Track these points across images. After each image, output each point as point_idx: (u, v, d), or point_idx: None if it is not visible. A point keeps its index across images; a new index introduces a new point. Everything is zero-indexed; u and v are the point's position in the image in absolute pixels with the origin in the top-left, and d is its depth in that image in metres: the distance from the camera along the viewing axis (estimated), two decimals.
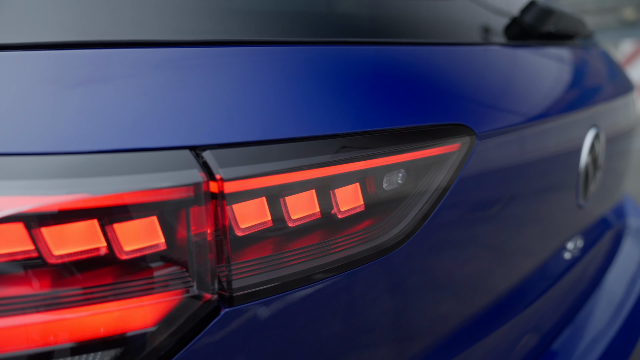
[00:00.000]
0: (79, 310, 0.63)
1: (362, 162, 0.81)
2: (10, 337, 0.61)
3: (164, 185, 0.63)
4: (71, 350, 0.63)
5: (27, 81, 0.67)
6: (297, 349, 0.77)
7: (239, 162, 0.68)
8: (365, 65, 0.89)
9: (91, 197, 0.61)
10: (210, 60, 0.74)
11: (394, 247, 0.86)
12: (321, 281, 0.77)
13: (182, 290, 0.66)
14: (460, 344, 1.07)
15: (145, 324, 0.65)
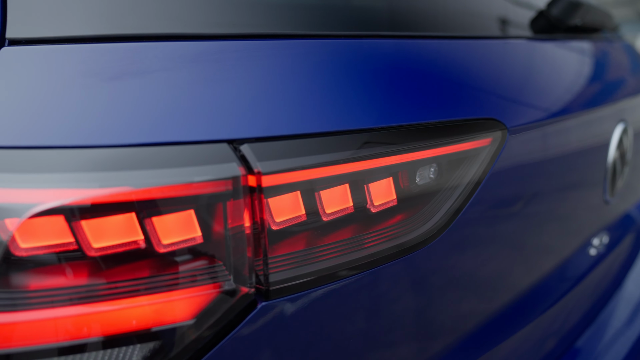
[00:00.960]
0: (117, 303, 0.64)
1: (395, 156, 0.80)
2: (49, 328, 0.62)
3: (203, 179, 0.63)
4: (109, 343, 0.63)
5: (64, 74, 0.68)
6: (331, 342, 0.76)
7: (276, 155, 0.68)
8: (399, 59, 0.88)
9: (131, 191, 0.61)
10: (246, 54, 0.74)
11: (426, 243, 0.85)
12: (354, 276, 0.77)
13: (219, 283, 0.66)
14: (484, 342, 1.06)
15: (182, 318, 0.65)
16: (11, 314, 0.61)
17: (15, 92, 0.67)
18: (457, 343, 0.99)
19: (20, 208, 0.59)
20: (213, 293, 0.66)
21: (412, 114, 0.83)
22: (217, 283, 0.66)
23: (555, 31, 1.38)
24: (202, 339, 0.66)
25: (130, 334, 0.64)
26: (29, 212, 0.58)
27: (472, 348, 1.03)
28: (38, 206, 0.58)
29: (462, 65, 1.00)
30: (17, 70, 0.68)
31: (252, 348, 0.69)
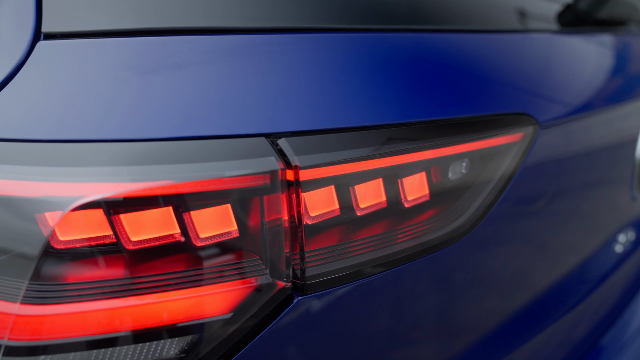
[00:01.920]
0: (155, 297, 0.64)
1: (428, 151, 0.79)
2: (87, 321, 0.62)
3: (241, 173, 0.63)
4: (146, 336, 0.64)
5: (100, 68, 0.68)
6: (364, 337, 0.76)
7: (313, 150, 0.67)
8: (431, 53, 0.88)
9: (171, 184, 0.61)
10: (280, 48, 0.74)
11: (458, 238, 0.85)
12: (387, 271, 0.77)
13: (255, 278, 0.66)
14: (508, 342, 1.06)
15: (219, 311, 0.65)
16: (51, 307, 0.61)
17: (52, 86, 0.67)
18: (480, 340, 0.99)
19: (62, 201, 0.59)
20: (250, 287, 0.66)
21: (445, 109, 0.83)
22: (253, 277, 0.66)
23: (582, 24, 1.36)
24: (239, 332, 0.66)
25: (168, 327, 0.64)
26: (71, 205, 0.59)
27: (496, 348, 1.02)
28: (80, 199, 0.59)
29: (491, 59, 0.99)
30: (53, 64, 0.69)
31: (288, 342, 0.69)
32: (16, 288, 0.61)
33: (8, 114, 0.66)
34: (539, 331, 1.11)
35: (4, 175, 0.61)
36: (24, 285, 0.60)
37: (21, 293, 0.60)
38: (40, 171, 0.60)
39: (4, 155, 0.63)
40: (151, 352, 0.64)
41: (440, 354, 0.90)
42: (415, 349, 0.86)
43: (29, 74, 0.67)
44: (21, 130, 0.64)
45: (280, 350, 0.68)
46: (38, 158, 0.62)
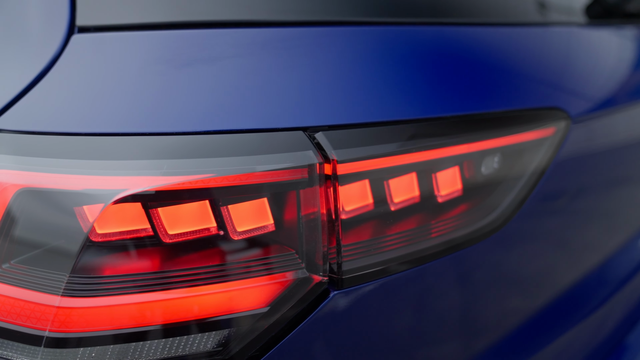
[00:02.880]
0: (192, 291, 0.64)
1: (462, 145, 0.79)
2: (124, 314, 0.62)
3: (280, 167, 0.63)
4: (184, 329, 0.64)
5: (136, 61, 0.68)
6: (399, 331, 0.76)
7: (350, 144, 0.67)
8: (464, 47, 0.87)
9: (209, 178, 0.61)
10: (314, 41, 0.73)
11: (489, 234, 0.84)
12: (420, 266, 0.76)
13: (292, 272, 0.66)
14: (534, 341, 1.05)
15: (257, 305, 0.65)
16: (90, 299, 0.62)
17: (87, 79, 0.67)
18: (505, 338, 0.98)
19: (103, 194, 0.59)
20: (286, 281, 0.66)
21: (477, 103, 0.82)
22: (290, 271, 0.66)
23: (610, 17, 1.34)
24: (275, 326, 0.66)
25: (205, 321, 0.64)
26: (113, 198, 0.59)
27: (520, 348, 1.01)
28: (122, 192, 0.59)
29: (522, 53, 0.98)
30: (88, 58, 0.69)
31: (323, 336, 0.68)
32: (57, 280, 0.61)
33: (46, 107, 0.66)
34: (564, 331, 1.10)
35: (45, 169, 0.61)
36: (65, 278, 0.60)
37: (62, 285, 0.60)
38: (81, 164, 0.60)
39: (45, 149, 0.63)
40: (188, 345, 0.64)
41: (466, 350, 0.90)
42: (443, 345, 0.85)
43: (65, 67, 0.68)
44: (60, 123, 0.65)
45: (315, 344, 0.68)
46: (78, 151, 0.62)
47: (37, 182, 0.62)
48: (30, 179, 0.62)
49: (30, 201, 0.62)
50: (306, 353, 0.68)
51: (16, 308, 0.62)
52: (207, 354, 0.64)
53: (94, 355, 0.62)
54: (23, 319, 0.62)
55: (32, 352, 0.63)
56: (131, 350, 0.63)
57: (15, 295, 0.63)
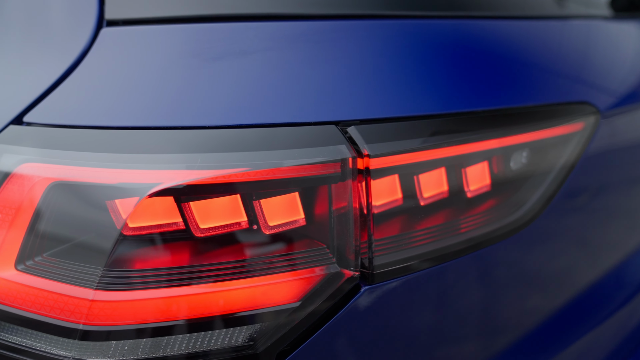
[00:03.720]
0: (224, 285, 0.64)
1: (492, 140, 0.78)
2: (157, 308, 0.62)
3: (312, 161, 0.62)
4: (216, 324, 0.64)
5: (166, 55, 0.68)
6: (428, 326, 0.76)
7: (382, 138, 0.66)
8: (493, 41, 0.86)
9: (242, 172, 0.61)
10: (344, 34, 0.72)
11: (517, 230, 0.83)
12: (449, 262, 0.76)
13: (323, 266, 0.66)
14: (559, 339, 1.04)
15: (288, 299, 0.65)
16: (123, 293, 0.62)
17: (118, 72, 0.67)
18: (526, 338, 0.97)
19: (137, 188, 0.59)
20: (318, 276, 0.66)
21: (506, 98, 0.81)
22: (321, 266, 0.66)
23: (636, 10, 1.32)
24: (306, 321, 0.65)
25: (236, 315, 0.64)
26: (148, 192, 0.59)
27: (541, 348, 1.00)
28: (156, 186, 0.59)
29: (549, 47, 0.97)
30: (118, 51, 0.69)
31: (354, 331, 0.68)
32: (91, 274, 0.61)
33: (76, 100, 0.66)
34: (585, 332, 1.09)
35: (77, 162, 0.62)
36: (99, 272, 0.60)
37: (96, 279, 0.60)
38: (115, 158, 0.60)
39: (76, 142, 0.63)
40: (220, 339, 0.64)
41: (487, 348, 0.89)
42: (468, 341, 0.85)
43: (94, 61, 0.68)
44: (90, 116, 0.65)
45: (345, 339, 0.68)
46: (110, 144, 0.62)
47: (70, 176, 0.62)
48: (62, 172, 0.62)
49: (63, 195, 0.62)
50: (335, 348, 0.68)
51: (49, 301, 0.63)
52: (238, 349, 0.64)
53: (127, 349, 0.62)
54: (57, 311, 0.62)
55: (65, 345, 0.63)
56: (163, 344, 0.63)
57: (48, 287, 0.63)
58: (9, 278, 0.64)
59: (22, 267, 0.64)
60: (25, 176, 0.63)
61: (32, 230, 0.63)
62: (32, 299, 0.63)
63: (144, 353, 0.63)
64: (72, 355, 0.62)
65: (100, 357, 0.62)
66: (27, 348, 0.65)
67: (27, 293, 0.64)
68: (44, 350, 0.64)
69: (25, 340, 0.65)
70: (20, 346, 0.65)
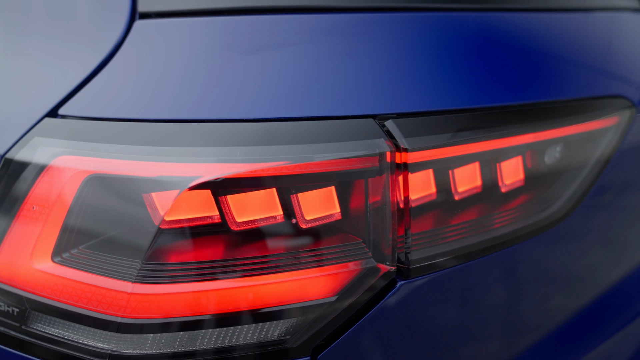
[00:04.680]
0: (261, 279, 0.64)
1: (527, 135, 0.77)
2: (193, 301, 0.62)
3: (351, 155, 0.62)
4: (252, 318, 0.64)
5: (202, 47, 0.67)
6: (463, 321, 0.75)
7: (419, 132, 0.66)
8: (529, 35, 0.84)
9: (281, 166, 0.60)
10: (380, 27, 0.72)
11: (552, 226, 0.82)
12: (483, 257, 0.75)
13: (360, 261, 0.66)
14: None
15: (325, 294, 0.64)
16: (160, 286, 0.62)
17: (153, 65, 0.67)
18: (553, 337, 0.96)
19: (177, 181, 0.59)
20: (354, 270, 0.65)
21: (542, 92, 0.80)
22: (357, 261, 0.65)
23: None
24: (342, 316, 0.65)
25: (272, 309, 0.64)
26: (188, 185, 0.58)
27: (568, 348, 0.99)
28: (196, 180, 0.59)
29: (584, 41, 0.95)
30: (152, 44, 0.68)
31: (389, 326, 0.68)
32: (128, 267, 0.61)
33: (110, 93, 0.66)
34: (609, 335, 1.08)
35: (115, 155, 0.62)
36: (138, 265, 0.60)
37: (135, 272, 0.60)
38: (154, 151, 0.60)
39: (112, 135, 0.63)
40: (256, 333, 0.64)
41: (518, 343, 0.88)
42: (502, 335, 0.84)
43: (128, 54, 0.67)
44: (126, 109, 0.65)
45: (381, 333, 0.68)
46: (147, 138, 0.62)
47: (107, 169, 0.62)
48: (99, 165, 0.62)
49: (99, 187, 0.62)
50: (370, 343, 0.68)
51: (86, 293, 0.63)
52: (274, 343, 0.64)
53: (164, 342, 0.63)
54: (94, 303, 0.62)
55: (103, 337, 0.63)
56: (200, 337, 0.63)
57: (84, 280, 0.63)
58: (45, 270, 0.64)
59: (59, 259, 0.64)
60: (62, 169, 0.63)
61: (68, 223, 0.63)
62: (69, 290, 0.64)
63: (181, 346, 0.63)
64: (110, 348, 0.62)
65: (137, 349, 0.62)
66: (64, 339, 0.65)
67: (64, 285, 0.64)
68: (80, 342, 0.64)
69: (62, 332, 0.65)
70: (58, 337, 0.65)
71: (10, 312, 0.67)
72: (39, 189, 0.64)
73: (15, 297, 0.66)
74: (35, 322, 0.66)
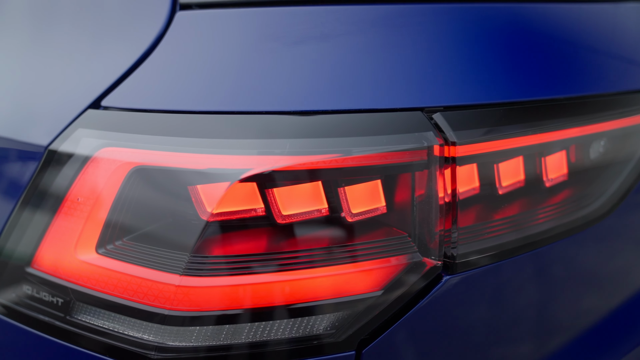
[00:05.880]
0: (307, 272, 0.63)
1: (571, 129, 0.75)
2: (239, 295, 0.62)
3: (400, 148, 0.61)
4: (298, 311, 0.63)
5: (246, 38, 0.67)
6: (507, 317, 0.74)
7: (467, 125, 0.65)
8: (572, 27, 0.83)
9: (330, 159, 0.59)
10: (426, 18, 0.70)
11: (596, 221, 0.81)
12: (528, 252, 0.74)
13: (406, 255, 0.65)
14: None
15: (371, 288, 0.64)
16: (206, 279, 0.62)
17: (196, 56, 0.67)
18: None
19: (226, 174, 0.59)
20: (401, 265, 0.65)
21: (587, 85, 0.78)
22: (403, 255, 0.65)
23: None
24: (388, 311, 0.65)
25: (318, 303, 0.63)
26: (238, 177, 0.58)
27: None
28: (247, 172, 0.58)
29: (629, 33, 0.93)
30: (195, 35, 0.68)
31: (434, 321, 0.67)
32: (175, 259, 0.61)
33: (153, 84, 0.66)
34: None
35: (163, 147, 0.61)
36: (187, 257, 0.60)
37: (183, 265, 0.60)
38: (202, 143, 0.60)
39: (155, 126, 0.63)
40: (302, 327, 0.63)
41: (556, 341, 0.87)
42: (544, 330, 0.83)
43: (170, 45, 0.67)
44: (169, 101, 0.64)
45: (425, 328, 0.67)
46: (193, 130, 0.61)
47: (153, 161, 0.62)
48: (145, 157, 0.62)
49: (145, 179, 0.62)
50: (415, 338, 0.67)
51: (132, 284, 0.63)
52: (319, 337, 0.64)
53: (209, 334, 0.62)
54: (140, 295, 0.62)
55: (148, 329, 0.63)
56: (245, 330, 0.63)
57: (129, 271, 0.63)
58: (90, 261, 0.65)
59: (103, 250, 0.64)
60: (106, 160, 0.63)
61: (112, 215, 0.63)
62: (114, 282, 0.64)
63: (227, 339, 0.63)
64: (156, 340, 0.63)
65: (183, 341, 0.62)
66: (108, 330, 0.65)
67: (109, 276, 0.64)
68: (125, 333, 0.65)
69: (106, 323, 0.65)
70: (102, 328, 0.65)
71: (54, 303, 0.67)
72: (83, 181, 0.64)
73: (60, 288, 0.66)
74: (79, 312, 0.67)
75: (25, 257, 0.68)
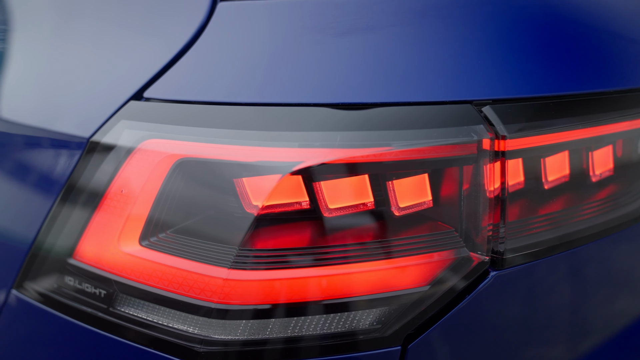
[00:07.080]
0: (354, 267, 0.62)
1: (620, 123, 0.74)
2: (285, 288, 0.61)
3: (451, 141, 0.60)
4: (344, 306, 0.63)
5: (291, 29, 0.66)
6: (554, 313, 0.73)
7: (517, 119, 0.63)
8: (619, 18, 0.81)
9: (382, 152, 0.59)
10: (475, 9, 0.69)
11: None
12: (575, 248, 0.73)
13: (453, 250, 0.64)
14: None
15: (418, 283, 0.63)
16: (253, 272, 0.61)
17: (240, 48, 0.66)
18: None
19: (277, 167, 0.58)
20: (448, 260, 0.64)
21: (637, 78, 0.76)
22: (450, 250, 0.64)
23: None
24: (434, 306, 0.64)
25: (364, 298, 0.63)
26: (289, 170, 0.57)
27: None
28: (298, 164, 0.57)
29: None
30: (238, 26, 0.67)
31: (481, 317, 0.67)
32: (224, 253, 0.61)
33: (197, 76, 0.65)
34: None
35: (209, 139, 0.61)
36: (235, 251, 0.60)
37: (231, 258, 0.60)
38: (248, 135, 0.59)
39: (199, 118, 0.62)
40: (348, 321, 0.63)
41: (590, 341, 0.86)
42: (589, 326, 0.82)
43: (212, 36, 0.66)
44: (214, 92, 0.64)
45: (472, 324, 0.66)
46: (238, 122, 0.61)
47: (200, 153, 0.61)
48: (191, 149, 0.62)
49: (191, 171, 0.62)
50: (461, 334, 0.67)
51: (176, 277, 0.63)
52: (366, 331, 0.63)
53: (255, 328, 0.62)
54: (185, 288, 0.62)
55: (194, 322, 0.63)
56: (291, 325, 0.62)
57: (172, 264, 0.63)
58: (133, 253, 0.64)
59: (146, 242, 0.64)
60: (150, 152, 0.63)
61: (156, 207, 0.63)
62: (158, 274, 0.64)
63: (272, 332, 0.62)
64: (201, 333, 0.62)
65: (229, 335, 0.62)
66: (152, 323, 0.65)
67: (153, 269, 0.64)
68: (169, 326, 0.64)
69: (150, 315, 0.65)
70: (146, 320, 0.65)
71: (97, 294, 0.67)
72: (126, 173, 0.64)
73: (103, 279, 0.66)
74: (122, 304, 0.66)
75: (67, 249, 0.68)
